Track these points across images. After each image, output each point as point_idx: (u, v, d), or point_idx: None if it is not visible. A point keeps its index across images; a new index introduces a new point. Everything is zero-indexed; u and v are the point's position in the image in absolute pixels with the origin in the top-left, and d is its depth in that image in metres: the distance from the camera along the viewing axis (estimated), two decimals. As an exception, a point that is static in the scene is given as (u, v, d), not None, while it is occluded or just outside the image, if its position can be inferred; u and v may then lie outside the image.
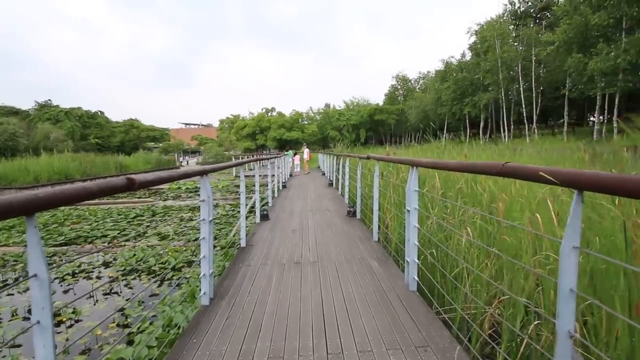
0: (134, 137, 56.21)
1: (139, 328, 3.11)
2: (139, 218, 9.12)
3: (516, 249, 2.25)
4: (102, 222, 8.61)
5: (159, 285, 4.58)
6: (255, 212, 5.94)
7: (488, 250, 2.43)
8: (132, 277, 4.76)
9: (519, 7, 30.71)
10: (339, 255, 3.87)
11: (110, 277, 4.77)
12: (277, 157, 10.69)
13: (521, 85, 24.36)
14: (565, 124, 23.36)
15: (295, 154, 19.12)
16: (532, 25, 26.86)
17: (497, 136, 28.18)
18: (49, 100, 49.67)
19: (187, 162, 51.02)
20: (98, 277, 4.87)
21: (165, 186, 17.19)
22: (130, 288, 4.45)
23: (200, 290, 2.76)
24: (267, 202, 7.71)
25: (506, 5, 31.04)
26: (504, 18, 29.62)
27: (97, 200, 12.39)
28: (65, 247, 6.28)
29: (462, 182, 4.46)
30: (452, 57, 36.56)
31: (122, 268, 5.03)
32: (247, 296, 2.86)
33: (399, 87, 56.70)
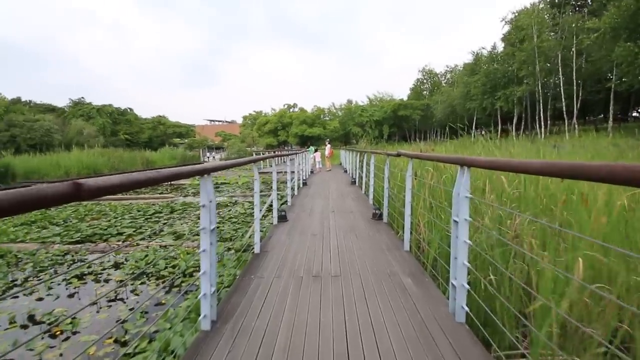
0: (161, 133, 57.74)
1: (136, 348, 2.73)
2: (157, 215, 8.95)
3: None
4: (120, 218, 8.50)
5: (167, 292, 4.23)
6: (272, 212, 5.50)
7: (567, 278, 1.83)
8: (140, 281, 4.45)
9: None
10: (365, 268, 3.34)
11: (117, 282, 4.47)
12: (296, 153, 10.20)
13: (561, 77, 22.52)
14: (611, 119, 21.43)
15: (316, 150, 18.68)
16: (571, 13, 24.82)
17: (532, 132, 26.42)
18: (82, 97, 51.83)
19: (214, 157, 51.77)
20: (106, 281, 4.60)
21: (187, 181, 17.21)
22: (137, 294, 4.13)
23: (201, 311, 2.32)
24: (286, 201, 7.28)
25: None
26: (541, 6, 27.54)
27: (120, 195, 12.45)
28: (79, 246, 6.11)
29: (509, 183, 3.79)
30: (483, 48, 34.65)
31: (131, 271, 4.73)
32: (256, 319, 2.39)
33: (425, 80, 54.87)
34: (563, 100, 22.76)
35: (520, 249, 2.06)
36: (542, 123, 24.56)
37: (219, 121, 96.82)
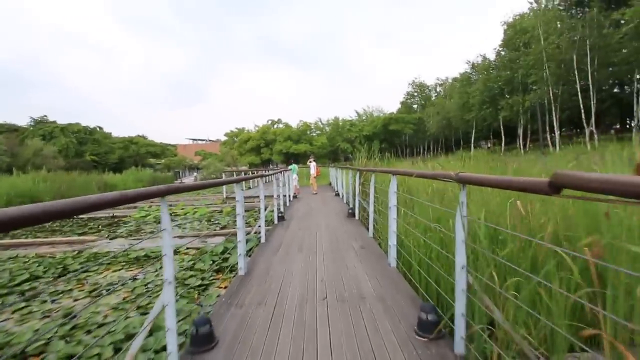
0: (133, 154, 53.48)
1: None
2: (30, 282, 5.30)
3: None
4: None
5: None
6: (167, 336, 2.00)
7: None
8: None
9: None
10: None
11: None
12: (262, 175, 6.58)
13: (577, 80, 20.00)
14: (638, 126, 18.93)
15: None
16: (587, 9, 22.30)
17: (544, 144, 23.79)
18: (45, 116, 47.41)
19: (195, 177, 47.64)
20: None
21: (132, 212, 13.46)
22: None
23: None
24: (237, 266, 3.85)
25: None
26: (550, 5, 24.80)
27: (10, 240, 8.71)
28: None
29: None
30: (481, 55, 32.57)
31: None
32: None
33: (416, 94, 52.88)
34: (581, 106, 20.15)
35: None
36: (556, 134, 21.82)
37: (202, 140, 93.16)
